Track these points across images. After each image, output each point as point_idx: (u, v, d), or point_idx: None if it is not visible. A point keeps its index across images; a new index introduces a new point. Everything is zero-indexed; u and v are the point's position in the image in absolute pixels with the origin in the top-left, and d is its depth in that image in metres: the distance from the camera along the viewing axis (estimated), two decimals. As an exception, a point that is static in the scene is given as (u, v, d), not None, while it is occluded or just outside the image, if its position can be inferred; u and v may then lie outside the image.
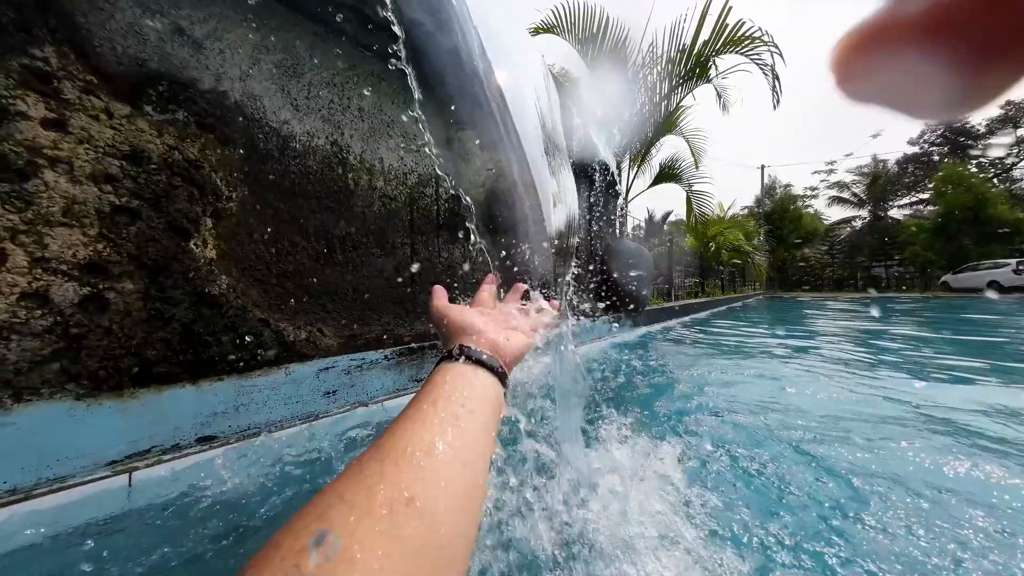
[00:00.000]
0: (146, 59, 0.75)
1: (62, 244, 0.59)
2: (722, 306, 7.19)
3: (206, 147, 0.81)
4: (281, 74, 0.98)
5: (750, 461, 0.88)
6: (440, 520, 0.27)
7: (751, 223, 12.34)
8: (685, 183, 5.49)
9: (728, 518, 0.65)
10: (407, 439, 0.31)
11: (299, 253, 0.98)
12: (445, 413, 0.33)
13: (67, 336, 0.60)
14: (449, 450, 0.31)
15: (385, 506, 0.25)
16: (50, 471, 0.59)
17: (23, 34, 0.61)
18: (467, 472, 0.31)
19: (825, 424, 1.13)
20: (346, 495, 0.26)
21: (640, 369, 1.84)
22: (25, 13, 0.61)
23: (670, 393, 1.47)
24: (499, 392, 0.39)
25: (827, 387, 1.55)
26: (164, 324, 0.70)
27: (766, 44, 3.59)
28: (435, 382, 0.37)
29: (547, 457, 0.67)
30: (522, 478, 0.60)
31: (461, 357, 0.39)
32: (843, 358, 2.16)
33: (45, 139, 0.59)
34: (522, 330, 0.48)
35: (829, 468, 0.86)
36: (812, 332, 3.45)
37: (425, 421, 0.32)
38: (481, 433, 0.34)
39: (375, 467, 0.28)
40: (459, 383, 0.37)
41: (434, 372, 0.38)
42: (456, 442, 0.32)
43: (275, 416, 0.86)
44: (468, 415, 0.34)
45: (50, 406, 0.59)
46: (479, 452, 0.33)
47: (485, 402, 0.37)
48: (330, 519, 0.24)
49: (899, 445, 0.98)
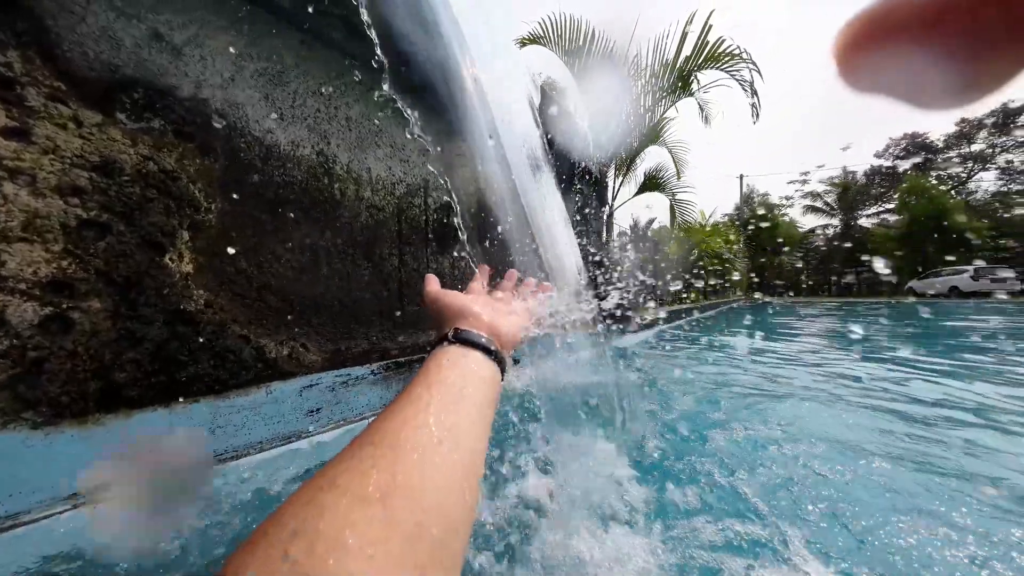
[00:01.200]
0: (120, 65, 0.72)
1: (21, 261, 0.55)
2: (707, 311, 7.36)
3: (184, 157, 0.78)
4: (265, 82, 0.95)
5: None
6: (435, 505, 0.26)
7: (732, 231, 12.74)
8: (669, 192, 5.63)
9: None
10: (401, 423, 0.30)
11: (282, 266, 0.95)
12: (441, 397, 0.33)
13: (24, 360, 0.55)
14: (445, 434, 0.30)
15: (378, 492, 0.24)
16: (2, 507, 0.54)
17: (-17, 36, 0.57)
18: (463, 456, 0.30)
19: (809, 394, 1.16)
20: (338, 480, 0.25)
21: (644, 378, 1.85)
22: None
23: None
24: (496, 375, 0.39)
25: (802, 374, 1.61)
26: (135, 344, 0.66)
27: (744, 61, 3.74)
28: (431, 366, 0.36)
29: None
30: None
31: (457, 340, 0.38)
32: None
33: (5, 149, 0.55)
34: (518, 313, 0.48)
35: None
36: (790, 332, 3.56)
37: (420, 405, 0.31)
38: (478, 417, 0.33)
39: (369, 451, 0.27)
40: (455, 366, 0.36)
41: (430, 356, 0.37)
42: (452, 426, 0.31)
43: (255, 438, 0.82)
44: (464, 399, 0.33)
45: (3, 437, 0.54)
46: (476, 435, 0.32)
47: (482, 385, 0.36)
48: (321, 504, 0.23)
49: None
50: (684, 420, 1.13)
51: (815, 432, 1.06)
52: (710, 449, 0.94)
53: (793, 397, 1.43)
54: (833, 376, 1.79)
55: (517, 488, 0.70)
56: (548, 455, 0.80)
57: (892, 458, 0.92)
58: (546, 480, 0.73)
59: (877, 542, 0.62)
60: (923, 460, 0.91)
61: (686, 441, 1.00)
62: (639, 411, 1.21)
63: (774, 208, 24.00)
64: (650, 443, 0.95)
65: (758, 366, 2.08)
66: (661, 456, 0.89)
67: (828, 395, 1.48)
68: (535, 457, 0.79)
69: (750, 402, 1.37)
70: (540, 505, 0.66)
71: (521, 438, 0.87)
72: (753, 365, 2.10)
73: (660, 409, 1.25)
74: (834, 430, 1.08)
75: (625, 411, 1.12)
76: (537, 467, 0.76)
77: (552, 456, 0.81)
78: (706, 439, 1.00)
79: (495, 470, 0.75)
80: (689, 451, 0.91)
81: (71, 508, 0.59)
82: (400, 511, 0.24)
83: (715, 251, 9.11)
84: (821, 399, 1.43)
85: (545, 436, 0.87)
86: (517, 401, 1.07)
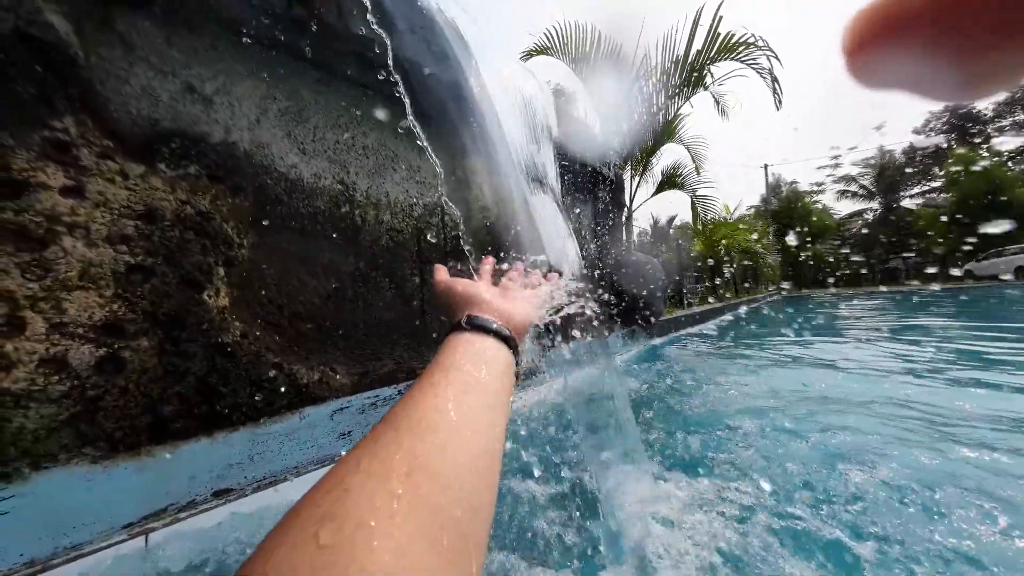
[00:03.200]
0: (159, 119, 0.78)
1: (79, 307, 0.60)
2: (738, 309, 7.04)
3: (217, 198, 0.83)
4: (288, 120, 1.00)
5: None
6: (456, 486, 0.27)
7: (759, 223, 12.19)
8: (689, 189, 5.48)
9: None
10: (420, 409, 0.31)
11: (310, 292, 0.99)
12: (457, 381, 0.33)
13: (84, 399, 0.60)
14: (462, 418, 0.31)
15: (401, 474, 0.25)
16: (67, 539, 0.58)
17: (44, 106, 0.63)
18: (481, 439, 0.31)
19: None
20: (362, 462, 0.26)
21: (669, 386, 1.78)
22: (46, 87, 0.64)
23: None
24: (510, 359, 0.39)
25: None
26: (179, 379, 0.70)
27: (761, 49, 3.62)
28: (445, 353, 0.36)
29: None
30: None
31: (470, 327, 0.39)
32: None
33: (64, 207, 0.61)
34: (527, 299, 0.48)
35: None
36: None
37: (437, 390, 0.32)
38: (494, 400, 0.34)
39: (391, 435, 0.28)
40: (469, 352, 0.37)
41: (444, 344, 0.38)
42: (468, 410, 0.31)
43: (291, 463, 0.84)
44: (479, 383, 0.34)
45: (67, 472, 0.58)
46: (492, 419, 0.33)
47: (496, 369, 0.37)
48: (347, 486, 0.24)
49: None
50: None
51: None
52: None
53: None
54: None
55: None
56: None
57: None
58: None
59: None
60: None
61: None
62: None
63: (804, 196, 22.80)
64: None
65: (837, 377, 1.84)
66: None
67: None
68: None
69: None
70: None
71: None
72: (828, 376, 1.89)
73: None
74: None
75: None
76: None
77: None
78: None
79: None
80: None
81: (127, 538, 0.62)
82: (422, 491, 0.24)
83: (743, 245, 8.73)
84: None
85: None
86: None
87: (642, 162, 5.00)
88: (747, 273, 11.73)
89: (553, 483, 0.83)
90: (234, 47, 0.90)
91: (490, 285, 0.51)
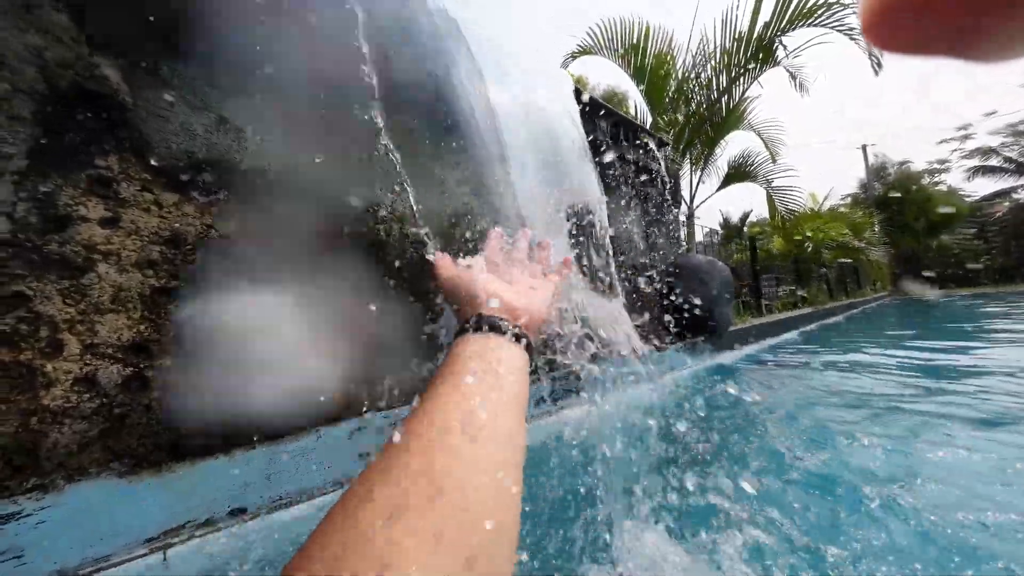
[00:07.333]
0: (195, 151, 0.84)
1: (109, 329, 0.64)
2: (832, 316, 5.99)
3: (243, 219, 0.87)
4: (313, 142, 1.04)
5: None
6: (479, 500, 0.26)
7: (859, 213, 10.38)
8: (762, 180, 4.85)
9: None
10: (430, 428, 0.30)
11: (332, 308, 0.99)
12: (468, 393, 0.32)
13: (112, 416, 0.63)
14: (477, 432, 0.29)
15: (416, 501, 0.24)
16: (93, 550, 0.61)
17: (93, 148, 0.71)
18: (499, 450, 0.29)
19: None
20: (374, 493, 0.26)
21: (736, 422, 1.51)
22: (97, 132, 0.72)
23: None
24: (525, 361, 0.37)
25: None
26: (199, 396, 0.73)
27: (847, 6, 3.06)
28: (454, 360, 0.35)
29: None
30: None
31: (481, 327, 0.37)
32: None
33: (100, 236, 0.66)
34: (541, 288, 0.46)
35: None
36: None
37: (448, 406, 0.31)
38: (513, 404, 0.32)
39: (404, 460, 0.28)
40: (480, 358, 0.35)
41: (453, 346, 0.36)
42: (484, 423, 0.30)
43: (307, 484, 0.84)
44: (492, 391, 0.32)
45: (97, 485, 0.62)
46: (510, 428, 0.31)
47: (512, 375, 0.34)
48: (357, 520, 0.24)
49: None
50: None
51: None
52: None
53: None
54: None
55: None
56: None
57: None
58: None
59: None
60: None
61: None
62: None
63: (920, 177, 18.95)
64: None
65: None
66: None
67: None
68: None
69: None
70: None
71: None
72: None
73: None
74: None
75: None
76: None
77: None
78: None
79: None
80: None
81: (148, 552, 0.64)
82: (445, 513, 0.24)
83: (838, 239, 7.46)
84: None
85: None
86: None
87: (704, 154, 4.54)
88: (845, 272, 10.01)
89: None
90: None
91: (498, 276, 0.48)
